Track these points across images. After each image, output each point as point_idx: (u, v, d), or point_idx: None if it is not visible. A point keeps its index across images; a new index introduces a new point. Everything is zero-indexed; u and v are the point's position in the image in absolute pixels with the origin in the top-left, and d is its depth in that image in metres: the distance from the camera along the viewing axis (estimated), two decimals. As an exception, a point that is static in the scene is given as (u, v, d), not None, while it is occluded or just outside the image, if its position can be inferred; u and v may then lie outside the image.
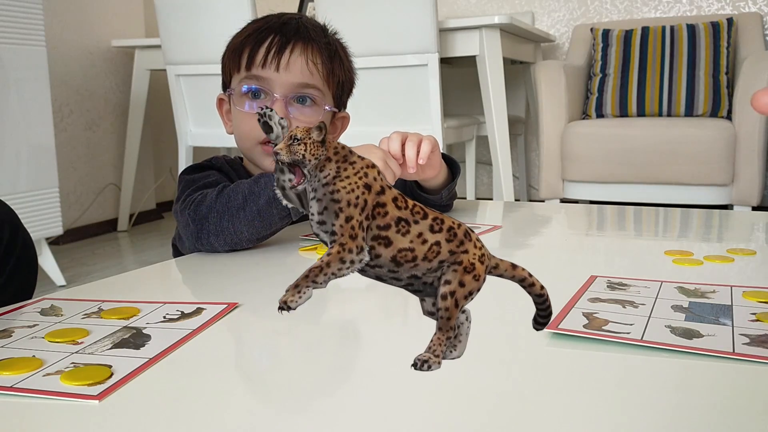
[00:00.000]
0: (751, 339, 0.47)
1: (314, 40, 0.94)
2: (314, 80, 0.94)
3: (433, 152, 0.89)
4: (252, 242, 0.80)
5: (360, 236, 0.39)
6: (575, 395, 0.40)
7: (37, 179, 2.36)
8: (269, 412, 0.40)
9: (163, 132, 3.71)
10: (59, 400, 0.40)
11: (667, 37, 2.95)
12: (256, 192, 0.79)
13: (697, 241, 0.90)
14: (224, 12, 2.56)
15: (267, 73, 0.92)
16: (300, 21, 0.96)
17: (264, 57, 0.92)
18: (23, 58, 2.30)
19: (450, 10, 3.61)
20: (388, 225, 0.39)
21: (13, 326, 0.53)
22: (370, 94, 2.49)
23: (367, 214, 0.39)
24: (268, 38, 0.93)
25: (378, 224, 0.39)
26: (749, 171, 2.58)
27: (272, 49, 0.92)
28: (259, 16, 1.03)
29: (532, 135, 3.55)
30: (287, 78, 0.92)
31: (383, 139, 0.89)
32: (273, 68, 0.91)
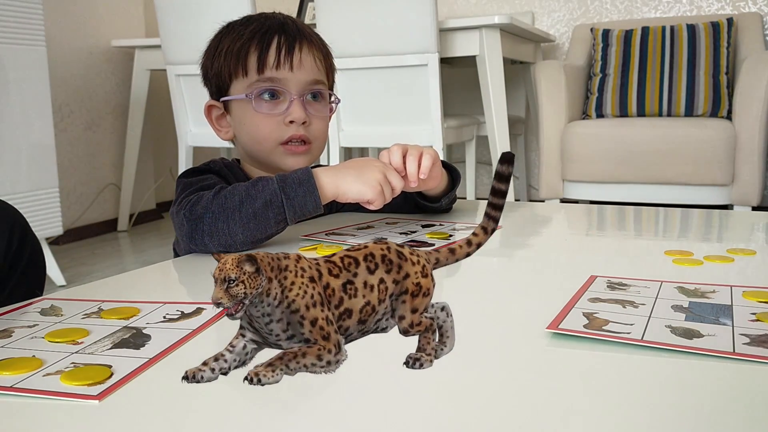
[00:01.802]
0: (751, 339, 0.47)
1: (313, 37, 0.98)
2: (321, 75, 0.98)
3: (434, 165, 0.90)
4: (246, 245, 0.80)
5: (332, 333, 0.39)
6: (575, 395, 0.40)
7: (37, 179, 2.36)
8: (269, 412, 0.40)
9: (163, 132, 3.71)
10: (59, 400, 0.40)
11: (667, 37, 2.95)
12: (253, 194, 0.79)
13: (697, 241, 0.90)
14: (224, 12, 2.56)
15: (282, 73, 0.94)
16: (288, 18, 0.99)
17: (276, 58, 0.94)
18: (23, 58, 2.30)
19: (450, 10, 3.61)
20: (340, 299, 0.39)
21: (13, 326, 0.53)
22: (370, 94, 2.49)
23: (325, 304, 0.39)
24: (273, 39, 0.94)
25: (335, 305, 0.39)
26: (749, 171, 2.58)
27: (282, 49, 0.94)
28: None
29: (532, 135, 3.55)
30: (301, 76, 0.95)
31: (383, 152, 0.90)
32: (287, 68, 0.94)
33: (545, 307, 0.54)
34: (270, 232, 0.81)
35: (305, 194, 0.81)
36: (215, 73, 0.99)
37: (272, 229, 0.81)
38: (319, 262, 0.40)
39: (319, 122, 0.98)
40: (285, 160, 0.96)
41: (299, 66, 0.94)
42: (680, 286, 0.60)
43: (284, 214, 0.80)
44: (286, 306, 0.38)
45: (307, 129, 0.96)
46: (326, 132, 1.01)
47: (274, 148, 0.96)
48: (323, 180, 0.83)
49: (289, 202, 0.80)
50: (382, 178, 0.84)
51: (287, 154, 0.96)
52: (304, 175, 0.82)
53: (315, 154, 0.99)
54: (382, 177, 0.84)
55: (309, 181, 0.81)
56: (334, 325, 0.39)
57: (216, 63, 0.98)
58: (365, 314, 0.40)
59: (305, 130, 0.96)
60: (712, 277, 0.65)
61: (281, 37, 0.95)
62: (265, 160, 0.98)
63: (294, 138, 0.95)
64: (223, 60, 0.97)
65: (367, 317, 0.40)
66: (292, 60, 0.94)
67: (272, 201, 0.79)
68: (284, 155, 0.96)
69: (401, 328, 0.41)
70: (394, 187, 0.85)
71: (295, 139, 0.95)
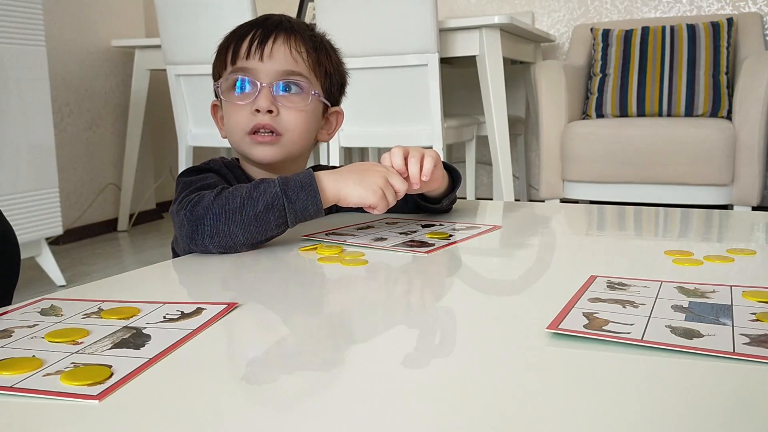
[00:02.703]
0: (751, 339, 0.47)
1: (297, 31, 0.98)
2: (299, 68, 0.96)
3: (436, 166, 0.90)
4: (246, 247, 0.80)
5: None
6: (575, 395, 0.40)
7: (37, 179, 2.36)
8: (269, 412, 0.40)
9: (163, 132, 3.71)
10: (59, 400, 0.40)
11: (667, 37, 2.95)
12: (255, 197, 0.80)
13: (697, 241, 0.90)
14: (224, 12, 2.56)
15: (252, 63, 0.95)
16: (283, 17, 1.00)
17: (248, 48, 0.95)
18: (23, 58, 2.30)
19: (450, 10, 3.61)
20: None
21: (13, 326, 0.53)
22: (370, 94, 2.49)
23: None
24: (251, 32, 0.96)
25: None
26: (749, 171, 2.58)
27: (255, 41, 0.95)
28: (259, 15, 1.05)
29: (532, 135, 3.55)
30: (272, 66, 0.95)
31: (385, 155, 0.90)
32: (257, 58, 0.94)
33: (545, 307, 0.54)
34: (270, 234, 0.82)
35: (307, 198, 0.81)
36: (212, 73, 1.02)
37: (273, 232, 0.81)
38: None
39: (291, 113, 0.96)
40: (252, 149, 0.96)
41: (269, 56, 0.94)
42: (680, 286, 0.60)
43: (285, 217, 0.81)
44: None
45: (275, 119, 0.95)
46: (303, 125, 0.98)
47: (242, 137, 0.96)
48: (325, 184, 0.83)
49: (291, 206, 0.80)
50: (384, 183, 0.84)
51: (254, 144, 0.96)
52: (307, 179, 0.82)
53: (287, 146, 0.97)
54: (384, 181, 0.84)
55: (311, 185, 0.82)
56: None
57: (214, 61, 1.01)
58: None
59: (272, 120, 0.95)
60: (712, 277, 0.65)
61: (257, 30, 0.96)
62: (238, 150, 1.00)
63: (259, 127, 0.95)
64: (215, 60, 1.00)
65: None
66: (263, 50, 0.94)
67: (274, 204, 0.80)
68: (251, 144, 0.96)
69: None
70: (397, 190, 0.86)
71: (261, 128, 0.95)
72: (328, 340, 0.53)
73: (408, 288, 0.69)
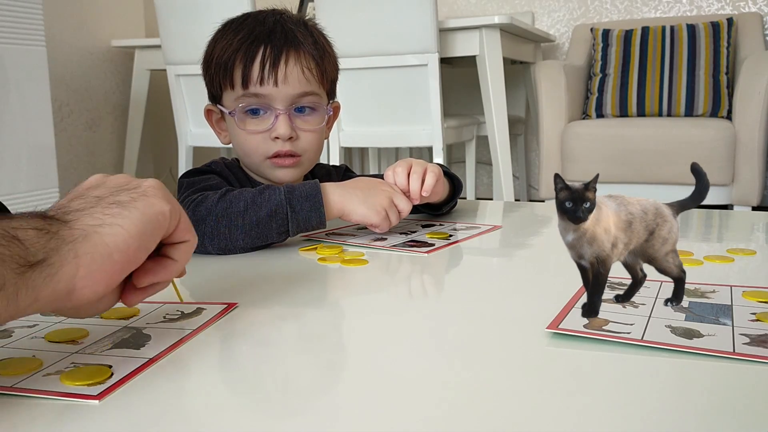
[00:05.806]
0: (751, 339, 0.47)
1: (303, 44, 0.93)
2: (311, 87, 0.93)
3: (437, 181, 0.91)
4: (245, 251, 0.81)
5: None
6: (575, 395, 0.40)
7: (37, 179, 2.36)
8: (269, 412, 0.40)
9: (163, 132, 3.70)
10: (59, 400, 0.40)
11: (667, 37, 2.95)
12: (259, 203, 0.80)
13: (697, 241, 0.90)
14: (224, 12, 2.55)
15: (266, 89, 0.90)
16: (283, 23, 0.94)
17: (260, 73, 0.90)
18: (23, 58, 2.30)
19: (450, 10, 3.61)
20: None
21: (13, 326, 0.53)
22: (370, 94, 2.49)
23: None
24: (258, 51, 0.91)
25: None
26: (749, 171, 2.58)
27: (266, 63, 0.90)
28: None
29: (532, 135, 3.55)
30: (286, 91, 0.91)
31: (388, 170, 0.90)
32: (271, 83, 0.90)
33: (545, 307, 0.54)
34: (270, 241, 0.82)
35: (311, 209, 0.81)
36: (209, 81, 0.98)
37: (273, 239, 0.82)
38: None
39: (309, 135, 0.94)
40: (274, 172, 0.94)
41: (284, 80, 0.90)
42: (680, 286, 0.60)
43: (287, 225, 0.81)
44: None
45: (294, 143, 0.93)
46: (319, 142, 0.97)
47: (262, 161, 0.94)
48: (330, 197, 0.83)
49: (294, 215, 0.81)
50: (388, 204, 0.85)
51: (275, 167, 0.94)
52: (312, 190, 0.82)
53: (306, 165, 0.97)
54: (388, 202, 0.85)
55: (316, 197, 0.82)
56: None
57: (209, 71, 0.96)
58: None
59: (292, 145, 0.93)
60: (712, 277, 0.65)
61: (267, 48, 0.91)
62: (255, 171, 0.98)
63: (280, 154, 0.93)
64: (214, 70, 0.95)
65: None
66: (277, 75, 0.90)
67: (277, 212, 0.80)
68: (272, 168, 0.94)
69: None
70: (401, 210, 0.87)
71: (282, 155, 0.93)
72: (328, 340, 0.53)
73: (408, 288, 0.69)
